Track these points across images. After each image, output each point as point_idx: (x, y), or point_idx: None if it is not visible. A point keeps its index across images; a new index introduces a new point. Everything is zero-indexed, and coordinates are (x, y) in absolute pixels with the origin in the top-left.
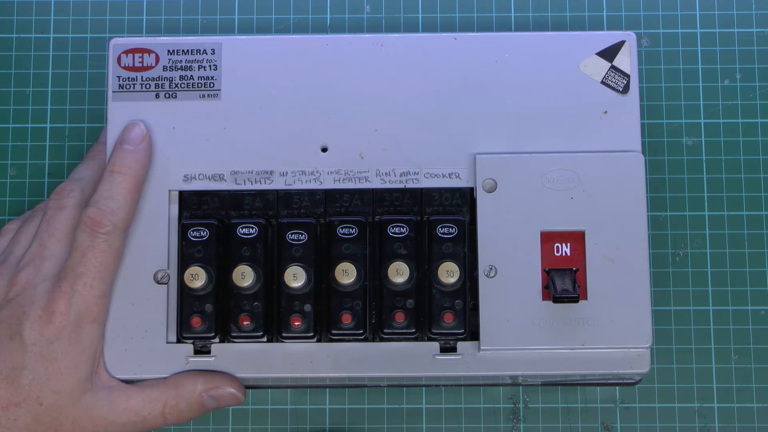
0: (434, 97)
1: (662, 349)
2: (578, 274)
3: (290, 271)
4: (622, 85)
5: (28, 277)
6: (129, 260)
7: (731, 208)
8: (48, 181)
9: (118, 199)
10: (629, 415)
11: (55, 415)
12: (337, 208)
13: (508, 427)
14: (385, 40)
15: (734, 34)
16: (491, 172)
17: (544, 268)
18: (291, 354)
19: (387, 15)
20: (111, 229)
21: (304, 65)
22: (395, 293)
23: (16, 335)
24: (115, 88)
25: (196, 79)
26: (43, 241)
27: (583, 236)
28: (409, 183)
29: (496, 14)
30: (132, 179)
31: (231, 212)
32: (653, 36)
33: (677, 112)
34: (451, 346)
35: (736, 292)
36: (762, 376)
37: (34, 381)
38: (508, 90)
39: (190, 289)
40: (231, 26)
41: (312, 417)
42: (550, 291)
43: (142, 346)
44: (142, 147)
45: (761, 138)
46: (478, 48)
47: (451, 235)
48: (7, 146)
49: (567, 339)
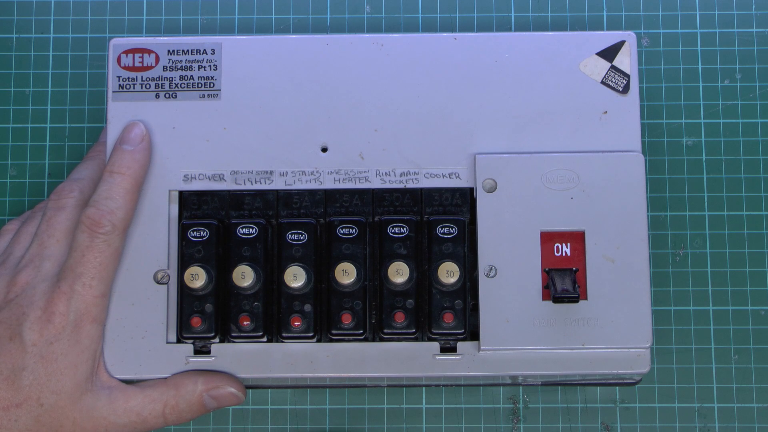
0: (434, 97)
1: (662, 349)
2: (578, 274)
3: (290, 271)
4: (622, 85)
5: (27, 278)
6: (129, 260)
7: (731, 208)
8: (48, 181)
9: (117, 200)
10: (629, 415)
11: (56, 415)
12: (337, 208)
13: (508, 427)
14: (385, 40)
15: (734, 34)
16: (491, 172)
17: (544, 268)
18: (291, 354)
19: (387, 15)
20: (110, 230)
21: (304, 65)
22: (395, 293)
23: (16, 336)
24: (115, 88)
25: (196, 79)
26: (43, 241)
27: (583, 236)
28: (409, 183)
29: (496, 14)
30: (131, 179)
31: (231, 212)
32: (653, 36)
33: (677, 112)
34: (451, 346)
35: (736, 292)
36: (762, 376)
37: (34, 382)
38: (508, 90)
39: (190, 289)
40: (231, 26)
41: (312, 417)
42: (550, 291)
43: (142, 347)
44: (141, 147)
45: (761, 138)
46: (478, 48)
47: (451, 235)
48: (7, 146)
49: (567, 339)
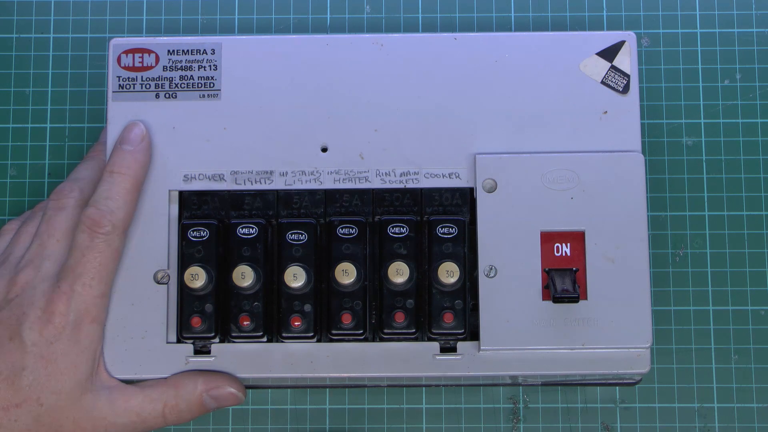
0: (434, 97)
1: (662, 349)
2: (578, 274)
3: (290, 271)
4: (622, 85)
5: (27, 278)
6: (129, 260)
7: (731, 208)
8: (48, 181)
9: (117, 200)
10: (629, 415)
11: (56, 415)
12: (337, 208)
13: (508, 427)
14: (385, 40)
15: (734, 34)
16: (491, 172)
17: (544, 268)
18: (291, 354)
19: (387, 15)
20: (110, 230)
21: (304, 65)
22: (395, 293)
23: (16, 336)
24: (115, 88)
25: (196, 79)
26: (43, 241)
27: (583, 236)
28: (409, 183)
29: (496, 14)
30: (131, 179)
31: (231, 212)
32: (653, 36)
33: (677, 112)
34: (451, 346)
35: (736, 292)
36: (762, 376)
37: (34, 382)
38: (508, 90)
39: (190, 289)
40: (231, 26)
41: (312, 417)
42: (550, 291)
43: (142, 347)
44: (141, 147)
45: (761, 138)
46: (478, 48)
47: (451, 235)
48: (7, 146)
49: (567, 339)
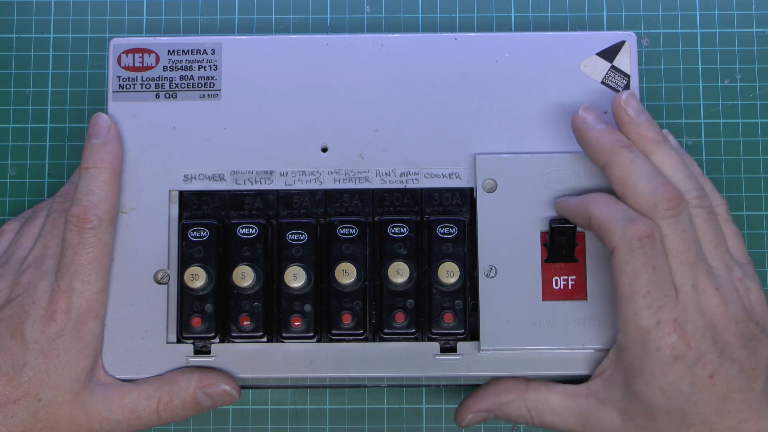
0: (434, 97)
1: None
2: (578, 274)
3: (290, 271)
4: (622, 85)
5: (30, 278)
6: (129, 260)
7: (731, 207)
8: (48, 181)
9: (98, 193)
10: None
11: (53, 411)
12: (337, 208)
13: (508, 427)
14: (385, 40)
15: (734, 34)
16: (491, 172)
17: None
18: (291, 354)
19: (387, 15)
20: (97, 224)
21: (304, 65)
22: (395, 293)
23: (18, 333)
24: (115, 88)
25: (196, 79)
26: (47, 242)
27: (583, 236)
28: (409, 183)
29: (496, 14)
30: (107, 171)
31: (231, 212)
32: (653, 36)
33: (677, 112)
34: (451, 346)
35: None
36: None
37: (33, 377)
38: (508, 90)
39: (190, 289)
40: (231, 26)
41: (312, 417)
42: (547, 249)
43: (142, 347)
44: (110, 137)
45: (761, 138)
46: (478, 48)
47: (451, 235)
48: (7, 146)
49: (567, 339)
